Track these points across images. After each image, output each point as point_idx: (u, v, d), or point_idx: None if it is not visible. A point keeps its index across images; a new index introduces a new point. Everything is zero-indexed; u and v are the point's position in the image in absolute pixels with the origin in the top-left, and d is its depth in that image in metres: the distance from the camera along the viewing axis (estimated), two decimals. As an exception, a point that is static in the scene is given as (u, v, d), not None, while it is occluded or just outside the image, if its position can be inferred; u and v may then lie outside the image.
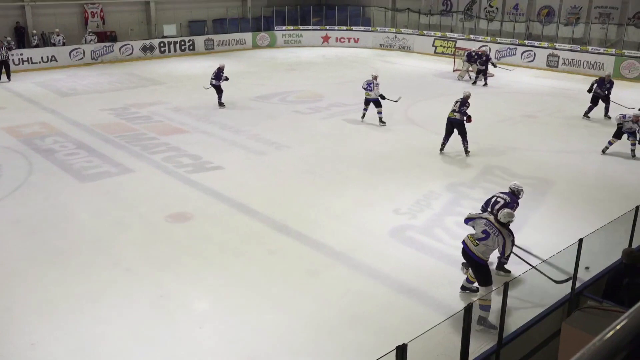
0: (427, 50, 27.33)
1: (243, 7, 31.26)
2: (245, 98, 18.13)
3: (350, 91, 18.57)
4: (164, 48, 26.64)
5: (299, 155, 12.71)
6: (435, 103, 17.81)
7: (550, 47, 23.54)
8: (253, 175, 11.44)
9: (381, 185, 10.85)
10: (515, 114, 16.25)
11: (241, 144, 13.46)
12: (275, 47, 29.49)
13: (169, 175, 11.36)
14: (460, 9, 27.88)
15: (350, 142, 13.64)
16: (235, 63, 25.22)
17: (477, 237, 6.58)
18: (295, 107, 16.94)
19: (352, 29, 29.96)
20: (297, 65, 24.56)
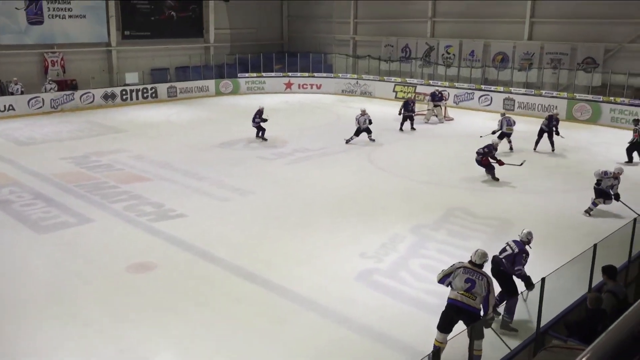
0: (388, 95, 27.95)
1: (206, 54, 31.57)
2: (208, 145, 18.10)
3: (314, 136, 18.78)
4: (125, 96, 26.54)
5: (264, 200, 12.67)
6: (398, 147, 18.14)
7: (506, 91, 24.39)
8: (217, 222, 11.33)
9: (347, 229, 10.87)
10: (474, 154, 16.58)
11: (205, 190, 13.36)
12: (238, 94, 29.70)
13: (130, 224, 11.15)
14: (419, 55, 28.75)
15: (315, 186, 13.69)
16: (199, 110, 25.27)
17: (467, 289, 6.26)
18: (259, 153, 16.99)
19: (315, 75, 30.48)
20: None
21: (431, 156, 16.81)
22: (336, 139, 18.44)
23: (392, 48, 30.04)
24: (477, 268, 6.42)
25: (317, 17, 33.28)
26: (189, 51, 30.49)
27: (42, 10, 25.36)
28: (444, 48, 28.07)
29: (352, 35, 32.04)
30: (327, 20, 32.88)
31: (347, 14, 31.93)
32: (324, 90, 29.92)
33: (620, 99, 21.34)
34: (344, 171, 15.14)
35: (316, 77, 30.44)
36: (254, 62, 30.67)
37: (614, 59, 22.80)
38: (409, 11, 28.93)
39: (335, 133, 19.37)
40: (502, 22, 25.79)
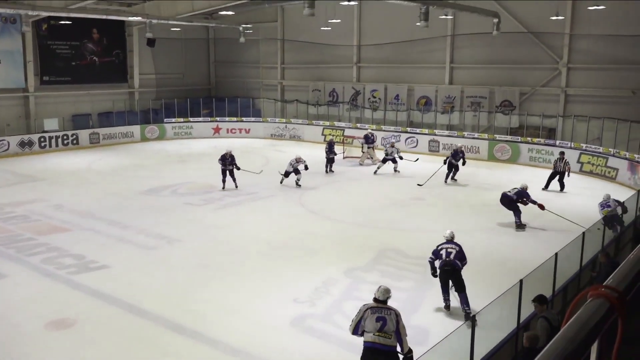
0: (317, 138, 28.36)
1: (130, 100, 31.02)
2: (134, 192, 17.60)
3: (243, 181, 18.65)
4: (44, 143, 25.53)
5: (192, 248, 12.36)
6: (328, 189, 18.30)
7: (431, 133, 25.33)
8: (143, 273, 10.91)
9: (279, 275, 10.73)
10: (405, 196, 17.02)
11: (130, 240, 12.89)
12: (165, 139, 29.25)
13: (48, 278, 10.54)
14: (346, 99, 29.49)
15: (245, 232, 13.51)
16: (123, 157, 24.63)
17: (379, 329, 6.27)
18: (187, 199, 16.66)
19: (243, 119, 30.56)
20: (188, 157, 24.42)
21: (362, 198, 17.06)
22: (267, 183, 18.40)
23: (319, 92, 30.67)
24: (382, 304, 6.46)
25: (244, 62, 33.61)
26: (113, 96, 29.91)
27: (-47, 54, 24.26)
28: (370, 92, 28.95)
29: (280, 80, 32.51)
30: (255, 66, 33.26)
31: (274, 60, 32.44)
32: (252, 135, 29.99)
33: (537, 139, 22.63)
34: (276, 215, 15.06)
35: (245, 121, 30.52)
36: (180, 107, 30.44)
37: (529, 102, 24.25)
38: (335, 57, 29.77)
39: (265, 177, 19.33)
40: (424, 67, 26.98)
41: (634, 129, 19.62)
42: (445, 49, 26.12)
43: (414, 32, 25.26)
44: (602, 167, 20.07)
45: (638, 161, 18.47)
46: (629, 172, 18.82)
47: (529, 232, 13.74)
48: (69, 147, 26.24)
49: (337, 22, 25.88)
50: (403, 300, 9.49)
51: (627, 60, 21.44)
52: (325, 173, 20.53)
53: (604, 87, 22.20)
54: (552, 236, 12.99)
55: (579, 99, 23.13)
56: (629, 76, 21.51)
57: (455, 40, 25.90)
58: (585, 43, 22.51)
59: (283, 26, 31.70)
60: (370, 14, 28.28)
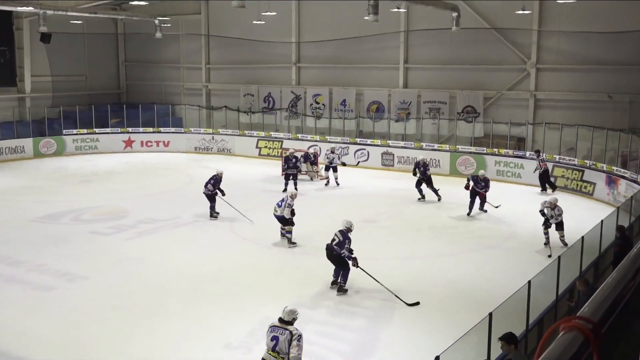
0: (250, 152, 28.33)
1: (20, 107, 30.11)
2: (25, 220, 17.05)
3: (162, 204, 18.40)
4: None
5: (101, 286, 12.08)
6: (264, 213, 18.22)
7: (384, 144, 25.75)
8: (37, 320, 10.56)
9: (207, 316, 10.62)
10: (354, 218, 17.11)
11: (20, 278, 12.47)
12: (64, 155, 28.50)
13: None
14: (284, 106, 29.65)
15: (165, 265, 13.31)
16: (11, 176, 23.81)
17: (272, 348, 7.27)
18: (93, 227, 16.28)
19: (161, 130, 30.20)
20: (93, 176, 23.86)
21: (305, 221, 17.07)
22: (190, 206, 18.19)
23: (252, 98, 30.72)
24: (284, 325, 7.38)
25: (161, 62, 33.33)
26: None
27: None
28: (312, 97, 29.23)
29: (205, 84, 32.40)
30: (175, 66, 33.05)
31: (198, 59, 32.33)
32: (172, 148, 29.69)
33: (504, 150, 23.38)
34: (202, 245, 14.90)
35: (163, 132, 30.18)
36: (83, 115, 29.78)
37: (495, 107, 25.09)
38: (271, 56, 29.93)
39: (188, 199, 19.11)
40: (375, 68, 27.49)
41: (611, 137, 20.52)
42: (399, 47, 26.75)
43: (362, 28, 25.77)
44: (578, 181, 20.91)
45: (617, 174, 19.31)
46: (607, 187, 19.66)
47: (498, 255, 14.13)
48: (-58, 165, 25.20)
49: (272, 15, 26.08)
50: (355, 342, 9.57)
51: (602, 61, 22.55)
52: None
53: (577, 90, 23.24)
54: (525, 260, 13.40)
55: (550, 103, 24.13)
56: (604, 78, 22.61)
57: (410, 37, 26.58)
58: (555, 41, 23.55)
59: (208, 19, 31.69)
60: (311, 6, 28.69)
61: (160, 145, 29.94)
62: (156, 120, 30.46)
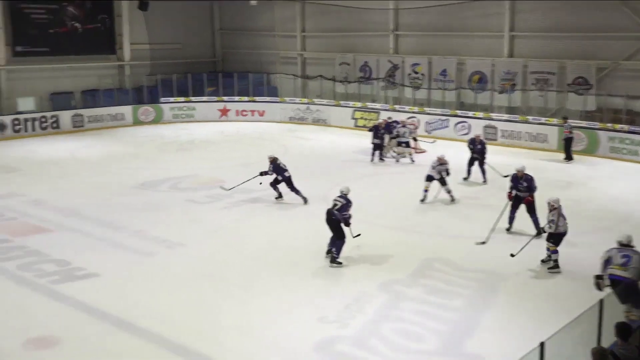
0: (345, 123, 28.35)
1: (120, 75, 31.40)
2: (126, 186, 17.85)
3: (255, 174, 18.72)
4: (19, 126, 26.02)
5: (196, 255, 12.52)
6: (359, 185, 18.26)
7: (486, 117, 25.12)
8: (138, 283, 11.11)
9: (301, 289, 10.82)
10: (455, 194, 16.89)
11: (122, 243, 13.12)
12: (161, 123, 29.54)
13: (27, 288, 10.83)
14: (381, 75, 29.40)
15: (259, 236, 13.63)
16: (112, 143, 24.97)
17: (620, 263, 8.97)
18: (190, 196, 16.84)
19: (256, 100, 30.68)
20: (189, 145, 24.62)
21: (399, 196, 17.02)
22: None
23: (348, 67, 30.64)
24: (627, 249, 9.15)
25: (256, 30, 33.72)
26: (99, 71, 30.32)
27: None
28: (411, 67, 28.83)
29: (300, 52, 32.57)
30: (270, 34, 33.36)
31: (292, 27, 32.50)
32: (267, 118, 30.11)
33: (619, 126, 22.26)
34: (296, 217, 15.13)
35: (258, 101, 30.64)
36: (180, 84, 30.69)
37: (609, 79, 23.85)
38: (367, 23, 29.69)
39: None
40: (478, 36, 26.74)
41: None
42: (504, 13, 25.83)
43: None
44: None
45: None
46: None
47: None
48: (48, 131, 26.70)
49: (371, -20, 25.80)
50: (454, 322, 9.51)
51: None
52: (370, 162, 20.86)
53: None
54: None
55: (673, 75, 22.74)
56: None
57: (516, 2, 25.62)
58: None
59: (304, -15, 31.74)
60: (412, -29, 28.14)
61: (255, 114, 30.44)
62: (251, 89, 31.00)
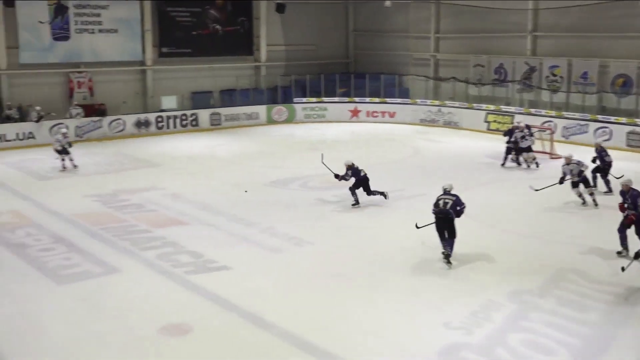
0: (478, 126, 27.71)
1: (256, 75, 32.40)
2: (257, 184, 18.38)
3: (384, 175, 18.75)
4: (161, 123, 27.47)
5: (323, 253, 12.68)
6: (491, 190, 17.82)
7: (630, 122, 23.71)
8: (267, 278, 11.39)
9: (426, 292, 10.69)
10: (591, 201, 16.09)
11: (252, 239, 13.51)
12: (294, 123, 30.21)
13: (163, 277, 11.38)
14: (517, 78, 28.50)
15: (386, 237, 13.60)
16: (247, 141, 25.81)
17: None
18: (319, 195, 17.08)
19: (387, 101, 30.66)
20: (320, 144, 24.92)
21: (533, 202, 16.40)
22: (414, 179, 18.33)
23: (482, 69, 29.93)
24: None
25: (389, 31, 33.66)
26: (237, 71, 31.39)
27: (69, 23, 26.79)
28: (549, 69, 27.71)
29: (433, 54, 32.17)
30: (403, 36, 33.20)
31: (426, 28, 32.15)
32: (398, 119, 30.02)
33: None
34: (423, 219, 14.94)
35: (389, 103, 30.62)
36: (313, 84, 31.23)
37: None
38: (504, 24, 28.84)
39: (412, 171, 19.28)
40: (622, 37, 25.27)
41: None
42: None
43: (611, -9, 23.81)
44: None
45: None
46: None
47: None
48: (188, 128, 28.01)
49: (510, -21, 25.09)
50: (588, 337, 9.06)
51: None
52: (501, 166, 20.38)
53: None
54: None
55: None
56: None
57: (669, 1, 23.99)
58: None
59: (439, -14, 31.34)
60: (553, -31, 27.07)
61: (385, 115, 30.42)
62: (382, 90, 31.00)
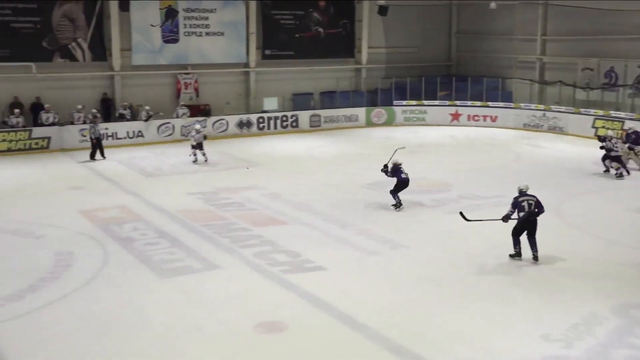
0: (585, 132, 26.67)
1: (356, 77, 32.51)
2: (355, 185, 18.46)
3: (485, 180, 18.41)
4: (262, 124, 28.06)
5: (419, 257, 12.59)
6: (598, 199, 17.16)
7: None
8: (361, 280, 11.44)
9: (524, 303, 10.40)
10: None
11: (348, 240, 13.59)
12: (393, 125, 30.12)
13: (260, 275, 11.63)
14: (628, 81, 27.28)
15: (485, 244, 13.31)
16: (346, 143, 25.95)
17: None
18: (416, 198, 16.95)
19: (489, 105, 30.06)
20: (419, 148, 24.75)
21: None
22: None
23: (591, 72, 28.78)
24: None
25: (493, 33, 32.93)
26: (337, 73, 31.61)
27: (179, 27, 27.83)
28: (665, 72, 26.40)
29: (539, 56, 31.22)
30: (507, 38, 32.42)
31: (533, 30, 31.24)
32: (500, 124, 29.41)
33: None
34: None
35: (491, 107, 30.02)
36: (413, 87, 31.03)
37: None
38: (618, 26, 27.59)
39: (514, 178, 18.79)
40: None
41: None
42: None
43: None
44: None
45: None
46: None
47: None
48: (288, 129, 28.45)
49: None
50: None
51: None
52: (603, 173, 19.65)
53: None
54: None
55: None
56: None
57: None
58: None
59: (548, -13, 30.41)
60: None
61: (487, 120, 29.84)
62: (485, 94, 30.38)
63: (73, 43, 25.87)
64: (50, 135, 23.71)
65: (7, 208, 16.27)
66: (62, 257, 12.55)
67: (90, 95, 26.30)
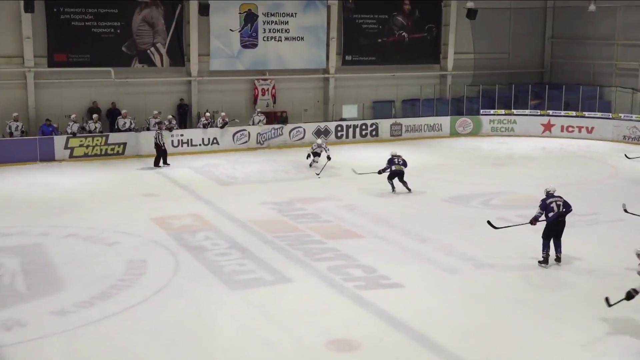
0: (692, 145, 25.64)
1: (441, 85, 32.23)
2: (436, 198, 18.27)
3: (578, 196, 17.82)
4: (341, 132, 28.15)
5: (503, 277, 12.33)
6: None
7: None
8: (441, 299, 11.28)
9: (620, 332, 9.98)
10: None
11: (427, 256, 13.44)
12: (479, 136, 29.67)
13: (334, 290, 11.62)
14: None
15: (575, 265, 12.92)
16: (428, 154, 25.72)
17: None
18: (502, 214, 16.58)
19: (585, 115, 29.23)
20: (507, 160, 24.33)
21: None
22: (613, 203, 17.24)
23: (702, 80, 27.61)
24: None
25: (591, 38, 32.02)
26: (421, 80, 31.44)
27: (258, 31, 28.33)
28: None
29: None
30: (607, 43, 31.47)
31: (636, 35, 30.21)
32: (596, 136, 28.56)
33: None
34: (621, 249, 14.01)
35: (587, 117, 29.20)
36: (502, 95, 30.52)
37: None
38: None
39: (611, 194, 18.21)
40: None
41: None
42: None
43: None
44: None
45: None
46: None
47: None
48: (367, 138, 28.46)
49: None
50: None
51: None
52: None
53: None
54: None
55: None
56: None
57: None
58: None
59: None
60: None
61: (582, 131, 29.01)
62: (580, 103, 29.59)
63: (152, 48, 26.74)
64: (125, 141, 24.52)
65: (81, 213, 16.90)
66: (133, 264, 12.94)
67: (167, 100, 27.10)
